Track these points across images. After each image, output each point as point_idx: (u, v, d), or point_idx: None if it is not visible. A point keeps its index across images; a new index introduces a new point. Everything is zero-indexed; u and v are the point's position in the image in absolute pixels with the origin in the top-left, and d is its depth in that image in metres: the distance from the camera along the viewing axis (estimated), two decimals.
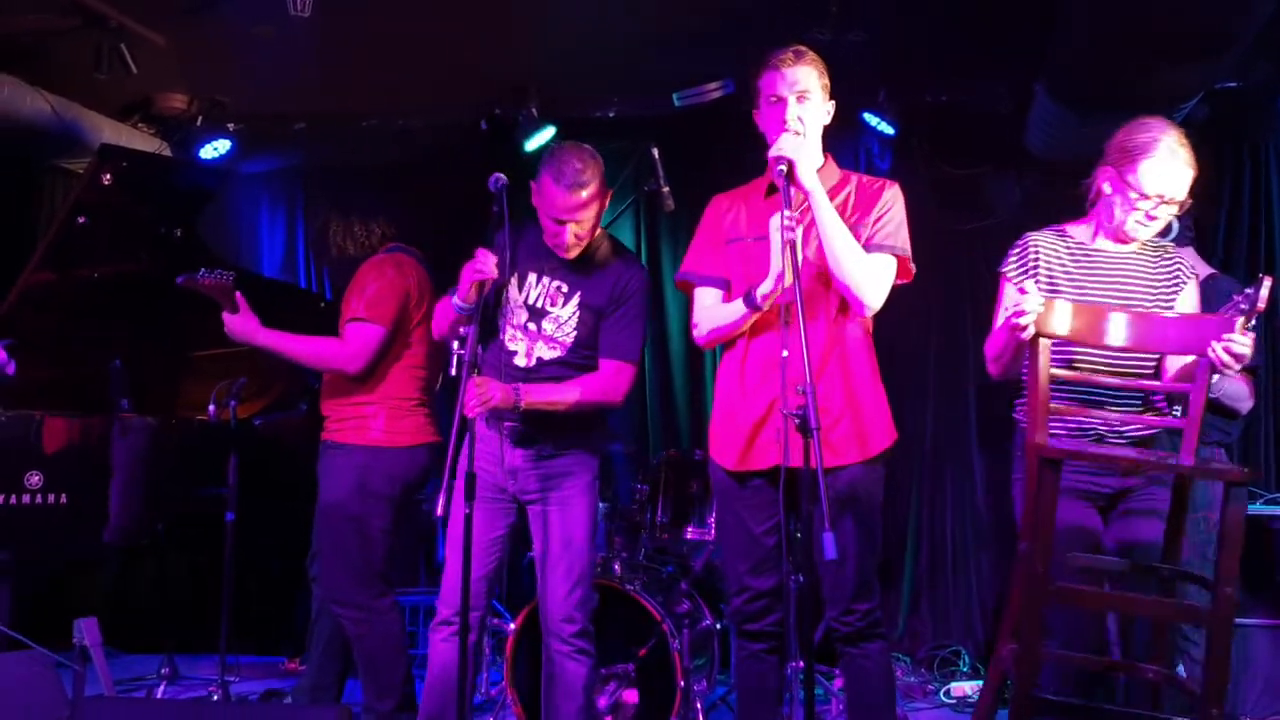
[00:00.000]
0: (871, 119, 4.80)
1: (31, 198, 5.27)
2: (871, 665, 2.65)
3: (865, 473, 2.64)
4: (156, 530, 4.03)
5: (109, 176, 3.75)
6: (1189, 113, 4.06)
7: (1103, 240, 2.75)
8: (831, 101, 2.72)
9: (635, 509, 4.06)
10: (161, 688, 4.17)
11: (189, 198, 4.23)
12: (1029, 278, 2.67)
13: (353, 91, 4.93)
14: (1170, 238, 2.83)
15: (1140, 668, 2.51)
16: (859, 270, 2.60)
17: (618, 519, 4.10)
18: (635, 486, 4.12)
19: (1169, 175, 2.58)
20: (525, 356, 2.99)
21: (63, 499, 3.56)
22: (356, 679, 3.57)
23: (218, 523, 3.74)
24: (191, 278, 3.34)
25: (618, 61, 4.66)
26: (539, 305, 2.99)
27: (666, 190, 3.45)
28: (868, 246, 2.64)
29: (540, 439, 2.97)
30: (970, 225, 4.96)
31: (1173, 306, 2.67)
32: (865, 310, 2.65)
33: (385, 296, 3.34)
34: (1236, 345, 2.33)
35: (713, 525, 3.89)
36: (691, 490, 4.00)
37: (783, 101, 2.64)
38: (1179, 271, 2.73)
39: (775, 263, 2.53)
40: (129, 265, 4.03)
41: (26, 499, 3.49)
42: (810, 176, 2.60)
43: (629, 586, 3.58)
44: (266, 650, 4.79)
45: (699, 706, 3.63)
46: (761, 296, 2.60)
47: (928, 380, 5.04)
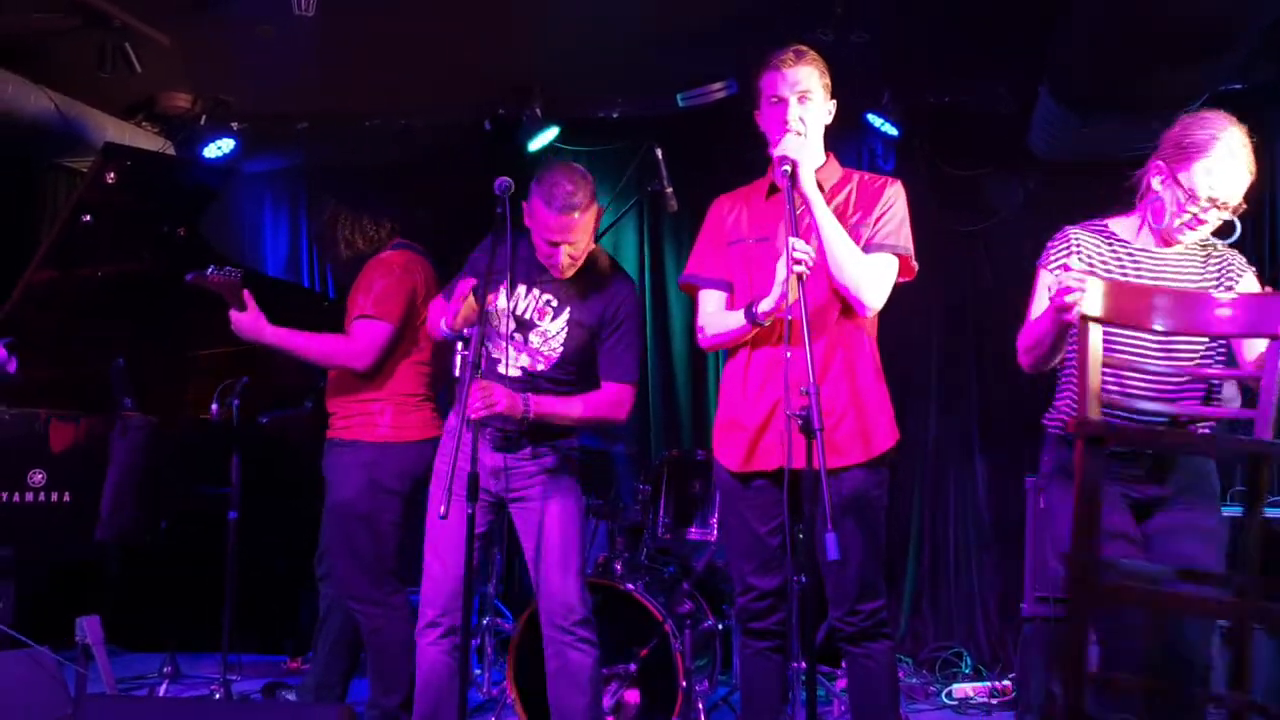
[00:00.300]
0: (875, 120, 4.80)
1: (34, 196, 5.28)
2: (875, 666, 2.64)
3: (869, 474, 2.63)
4: (159, 529, 4.03)
5: (113, 175, 3.75)
6: None
7: (1146, 238, 2.55)
8: (833, 101, 2.71)
9: (637, 509, 4.06)
10: (164, 686, 4.16)
11: (192, 197, 4.23)
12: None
13: (355, 91, 4.94)
14: (1231, 240, 2.56)
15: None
16: (859, 273, 2.59)
17: (620, 519, 4.10)
18: (637, 487, 4.12)
19: (1224, 178, 2.38)
20: (508, 365, 2.97)
21: (65, 497, 3.57)
22: (360, 678, 3.58)
23: (221, 521, 3.75)
24: (201, 275, 3.35)
25: (619, 62, 4.66)
26: (526, 317, 2.98)
27: (670, 191, 3.46)
28: (868, 246, 2.63)
29: (522, 441, 2.96)
30: (973, 226, 4.97)
31: None
32: (867, 311, 2.64)
33: (393, 293, 3.35)
34: None
35: (715, 526, 3.89)
36: (694, 490, 4.00)
37: (784, 102, 2.63)
38: (1229, 267, 2.52)
39: (779, 278, 2.50)
40: (132, 264, 4.03)
41: (30, 497, 3.50)
42: (810, 181, 2.59)
43: (631, 587, 3.58)
44: (269, 649, 4.79)
45: (701, 707, 3.63)
46: (763, 313, 2.57)
47: (930, 381, 5.04)
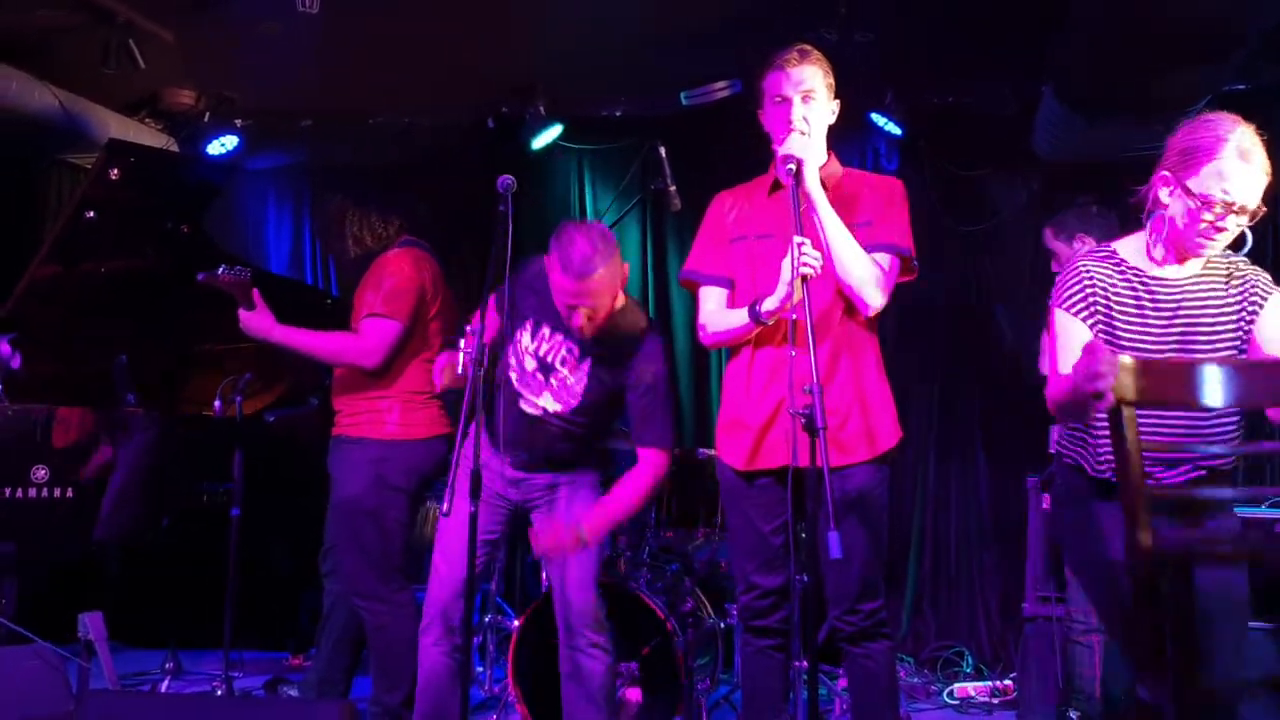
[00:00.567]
0: (879, 120, 4.80)
1: (38, 192, 5.29)
2: (874, 665, 2.65)
3: (872, 473, 2.63)
4: (160, 526, 4.03)
5: (116, 171, 3.74)
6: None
7: (1160, 260, 2.36)
8: (836, 100, 2.71)
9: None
10: (166, 682, 4.17)
11: (196, 193, 4.22)
12: (1091, 316, 2.31)
13: (357, 90, 4.94)
14: (1244, 251, 2.41)
15: None
16: (861, 272, 2.59)
17: None
18: None
19: (1238, 180, 2.22)
20: (532, 406, 2.97)
21: (69, 493, 3.57)
22: (363, 675, 3.58)
23: (224, 518, 3.75)
24: (212, 275, 3.37)
25: (619, 63, 4.66)
26: (548, 360, 2.96)
27: (673, 189, 3.45)
28: (870, 246, 2.63)
29: (546, 468, 3.02)
30: (975, 226, 4.97)
31: (1252, 332, 2.31)
32: (869, 310, 2.64)
33: (402, 291, 3.35)
34: None
35: (718, 524, 3.89)
36: (696, 489, 4.00)
37: (788, 101, 2.62)
38: (1253, 289, 2.33)
39: (784, 278, 2.49)
40: (135, 260, 4.03)
41: (33, 493, 3.50)
42: (814, 180, 2.59)
43: (633, 585, 3.58)
44: (270, 646, 4.80)
45: (703, 705, 3.63)
46: (766, 312, 2.57)
47: (932, 381, 5.04)
